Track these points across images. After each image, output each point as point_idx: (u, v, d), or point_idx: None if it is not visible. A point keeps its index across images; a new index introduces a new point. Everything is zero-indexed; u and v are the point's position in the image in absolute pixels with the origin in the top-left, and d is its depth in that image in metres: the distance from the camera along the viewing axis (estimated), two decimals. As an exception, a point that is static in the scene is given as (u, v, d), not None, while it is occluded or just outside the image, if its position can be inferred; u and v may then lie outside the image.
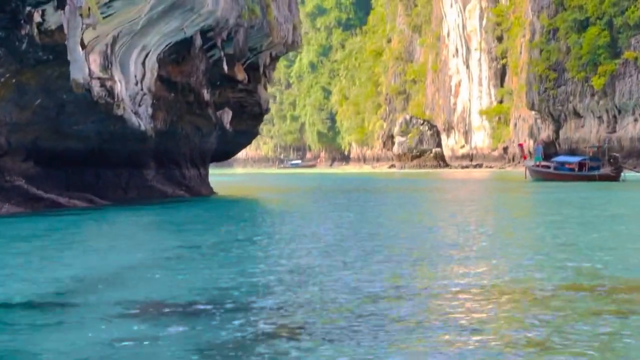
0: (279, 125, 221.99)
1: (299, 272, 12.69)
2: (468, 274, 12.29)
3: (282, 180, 78.52)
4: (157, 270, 13.33)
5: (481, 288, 10.95)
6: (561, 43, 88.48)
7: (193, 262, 14.39)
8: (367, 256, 14.53)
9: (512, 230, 20.38)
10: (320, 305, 9.77)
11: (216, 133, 38.75)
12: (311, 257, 14.54)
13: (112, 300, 10.23)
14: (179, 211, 29.22)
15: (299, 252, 15.27)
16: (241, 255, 15.35)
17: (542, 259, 14.04)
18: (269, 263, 13.94)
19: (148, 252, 15.81)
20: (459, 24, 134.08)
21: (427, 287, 11.15)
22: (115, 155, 33.65)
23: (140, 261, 14.42)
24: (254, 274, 12.62)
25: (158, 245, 17.29)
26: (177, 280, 12.23)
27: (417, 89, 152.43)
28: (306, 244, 16.63)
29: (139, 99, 32.46)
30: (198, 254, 15.64)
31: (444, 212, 27.05)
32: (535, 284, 11.25)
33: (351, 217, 23.80)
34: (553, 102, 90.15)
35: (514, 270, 12.65)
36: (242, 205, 33.52)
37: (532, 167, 67.15)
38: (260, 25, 35.70)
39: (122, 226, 22.34)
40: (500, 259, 14.10)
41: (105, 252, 15.93)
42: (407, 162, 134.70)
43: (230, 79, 38.07)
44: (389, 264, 13.47)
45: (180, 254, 15.56)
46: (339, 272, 12.61)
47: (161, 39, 32.25)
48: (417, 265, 13.56)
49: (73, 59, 26.22)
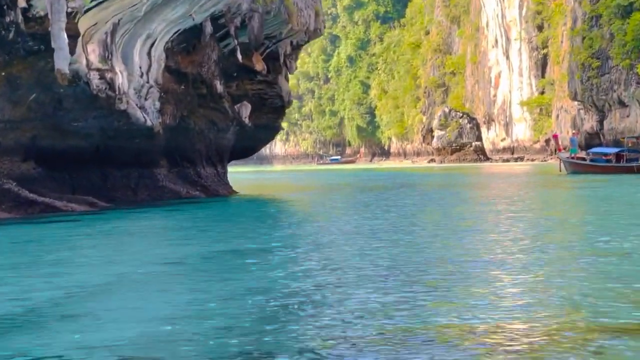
0: (317, 120, 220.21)
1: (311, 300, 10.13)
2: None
3: (317, 177, 75.87)
4: (108, 297, 10.80)
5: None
6: (604, 30, 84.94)
7: (158, 285, 11.84)
8: (392, 280, 11.91)
9: (564, 240, 17.52)
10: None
11: (234, 128, 36.21)
12: (327, 277, 11.97)
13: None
14: (185, 214, 26.69)
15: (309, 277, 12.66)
16: (225, 274, 12.76)
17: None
18: (268, 288, 11.32)
19: (113, 271, 13.26)
20: (498, 14, 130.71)
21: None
22: (122, 153, 31.32)
23: (94, 285, 11.87)
24: (237, 305, 10.06)
25: (134, 259, 14.69)
26: (126, 312, 9.71)
27: (456, 81, 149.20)
28: (317, 262, 13.96)
29: (145, 92, 30.03)
30: (178, 271, 13.10)
31: (478, 217, 24.20)
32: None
33: (381, 223, 20.93)
34: (596, 92, 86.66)
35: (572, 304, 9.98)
36: (260, 207, 30.83)
37: (567, 159, 64.03)
38: (277, 11, 33.07)
39: (109, 234, 19.75)
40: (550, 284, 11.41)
41: (59, 271, 13.42)
42: (446, 156, 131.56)
43: (248, 69, 35.56)
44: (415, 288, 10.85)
45: (152, 272, 12.99)
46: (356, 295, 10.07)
47: (167, 26, 29.78)
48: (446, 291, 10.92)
49: (58, 47, 23.82)
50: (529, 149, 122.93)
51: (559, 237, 16.48)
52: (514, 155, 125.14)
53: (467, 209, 25.62)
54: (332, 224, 20.69)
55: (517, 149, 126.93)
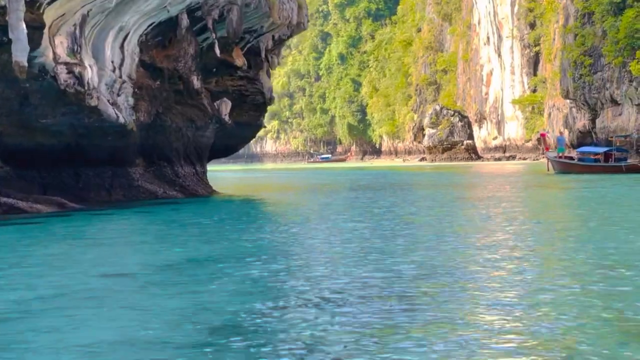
0: (308, 118, 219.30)
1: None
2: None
3: (305, 176, 74.46)
4: (26, 320, 9.47)
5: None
6: (597, 27, 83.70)
7: (92, 303, 10.50)
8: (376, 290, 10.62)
9: (560, 248, 16.25)
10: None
11: (213, 126, 34.78)
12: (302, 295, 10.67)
13: None
14: (156, 216, 25.29)
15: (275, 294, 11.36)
16: (177, 288, 11.43)
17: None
18: (221, 307, 10.04)
19: (46, 286, 11.91)
20: (490, 11, 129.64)
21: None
22: (95, 152, 29.94)
23: (16, 301, 10.53)
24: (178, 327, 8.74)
25: (78, 271, 13.31)
26: (39, 338, 8.39)
27: (448, 79, 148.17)
28: (287, 275, 12.67)
29: (118, 87, 28.66)
30: (124, 285, 11.78)
31: (461, 221, 22.93)
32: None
33: (361, 227, 19.55)
34: (589, 90, 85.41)
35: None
36: (237, 209, 29.36)
37: (554, 158, 62.88)
38: (257, 3, 31.67)
39: (64, 239, 18.30)
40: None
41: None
42: (437, 154, 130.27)
43: (228, 64, 34.17)
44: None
45: (92, 287, 11.65)
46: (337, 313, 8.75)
47: (141, 18, 28.42)
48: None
49: (16, 38, 22.44)
50: (521, 147, 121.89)
51: (544, 249, 15.21)
52: (505, 154, 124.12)
53: (451, 212, 24.29)
54: (309, 229, 19.38)
55: (509, 147, 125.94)
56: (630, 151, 64.67)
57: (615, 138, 63.82)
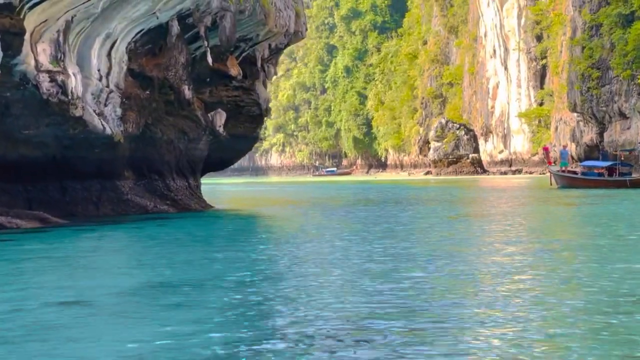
0: (314, 131, 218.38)
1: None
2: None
3: (308, 190, 73.20)
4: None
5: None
6: (605, 39, 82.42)
7: (31, 337, 9.21)
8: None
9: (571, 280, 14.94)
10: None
11: (206, 138, 33.48)
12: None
13: None
14: (140, 232, 23.97)
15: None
16: (137, 320, 10.16)
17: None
18: (182, 345, 8.77)
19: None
20: (497, 24, 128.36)
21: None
22: (82, 164, 28.72)
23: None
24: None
25: (27, 297, 12.05)
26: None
27: (454, 92, 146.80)
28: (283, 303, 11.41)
29: (105, 97, 27.42)
30: (78, 314, 10.50)
31: (459, 241, 21.67)
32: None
33: (354, 248, 18.17)
34: (596, 103, 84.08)
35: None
36: (227, 225, 27.91)
37: (557, 172, 61.62)
38: (252, 10, 30.39)
39: (29, 258, 16.96)
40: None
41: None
42: (443, 168, 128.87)
43: (222, 74, 32.90)
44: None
45: (35, 318, 10.38)
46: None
47: (129, 25, 27.18)
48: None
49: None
50: (527, 161, 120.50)
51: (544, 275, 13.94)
52: (511, 168, 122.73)
53: (450, 230, 22.95)
54: (299, 249, 18.03)
55: (515, 161, 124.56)
56: (635, 165, 63.47)
57: (620, 152, 62.45)
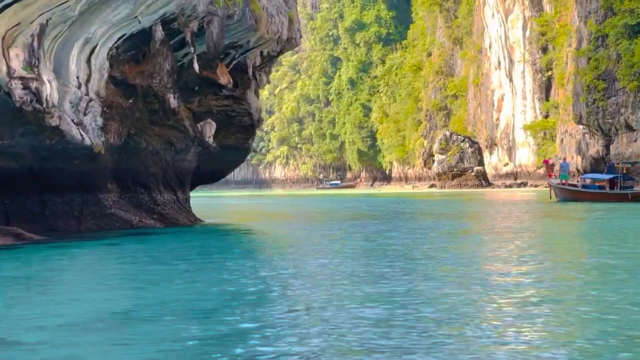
0: (318, 144, 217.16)
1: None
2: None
3: (309, 203, 71.63)
4: None
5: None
6: (611, 50, 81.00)
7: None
8: None
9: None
10: None
11: (195, 149, 31.98)
12: None
13: None
14: (119, 248, 22.50)
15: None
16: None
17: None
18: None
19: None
20: (501, 35, 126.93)
21: None
22: (62, 177, 27.29)
23: None
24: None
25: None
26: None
27: (459, 104, 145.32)
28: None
29: (84, 105, 25.99)
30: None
31: (455, 260, 20.21)
32: None
33: (344, 269, 16.72)
34: (602, 115, 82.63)
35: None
36: (213, 242, 26.32)
37: (557, 185, 60.32)
38: (241, 15, 28.95)
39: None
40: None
41: None
42: (447, 181, 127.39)
43: (212, 82, 31.46)
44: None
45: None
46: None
47: (110, 30, 25.76)
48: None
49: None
50: (533, 174, 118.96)
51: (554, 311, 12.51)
52: (517, 181, 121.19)
53: (446, 250, 21.43)
54: (285, 271, 16.47)
55: (520, 174, 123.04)
56: (637, 179, 62.09)
57: (622, 165, 61.00)
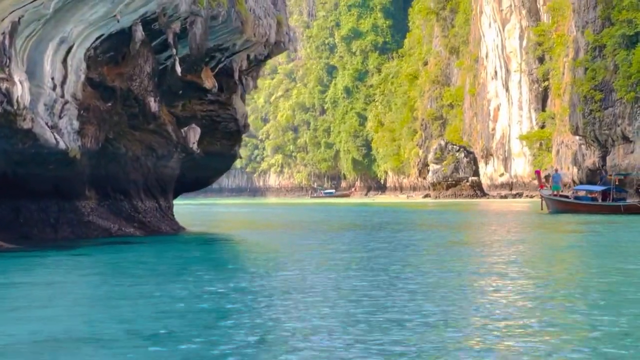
0: (312, 152, 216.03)
1: None
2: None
3: (302, 212, 70.51)
4: None
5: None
6: (608, 61, 79.92)
7: None
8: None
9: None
10: None
11: (178, 155, 30.83)
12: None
13: None
14: (89, 258, 21.37)
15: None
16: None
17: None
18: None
19: None
20: (498, 45, 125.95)
21: None
22: (36, 183, 26.13)
23: None
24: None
25: None
26: None
27: (454, 113, 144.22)
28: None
29: (59, 108, 24.84)
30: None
31: (439, 276, 19.11)
32: None
33: (339, 284, 15.65)
34: (599, 126, 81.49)
35: None
36: (195, 252, 25.16)
37: (549, 196, 59.26)
38: (226, 17, 27.83)
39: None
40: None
41: None
42: (442, 191, 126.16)
43: (196, 86, 30.34)
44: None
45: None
46: None
47: (87, 29, 24.62)
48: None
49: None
50: (528, 185, 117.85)
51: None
52: (512, 192, 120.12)
53: (428, 263, 20.28)
54: (265, 287, 15.33)
55: (516, 184, 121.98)
56: (630, 191, 61.07)
57: (614, 176, 59.93)
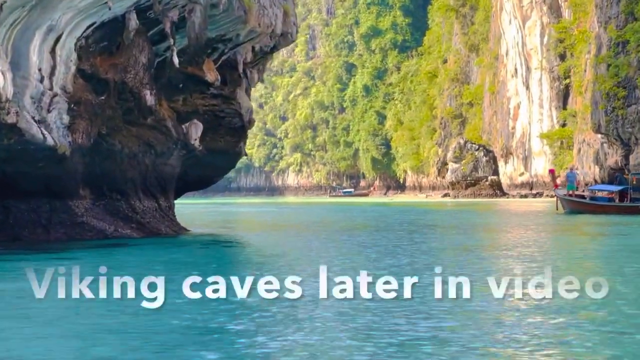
0: (331, 151, 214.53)
1: None
2: None
3: (318, 211, 68.83)
4: None
5: None
6: (631, 57, 78.14)
7: None
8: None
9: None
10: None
11: (178, 152, 29.24)
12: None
13: None
14: (73, 263, 19.80)
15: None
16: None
17: None
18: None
19: None
20: (519, 42, 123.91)
21: None
22: (26, 181, 24.65)
23: None
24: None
25: None
26: None
27: (474, 112, 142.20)
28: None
29: (47, 101, 23.29)
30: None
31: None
32: None
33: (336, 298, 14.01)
34: (622, 124, 79.72)
35: None
36: (192, 257, 23.56)
37: (564, 196, 57.42)
38: (227, 5, 26.25)
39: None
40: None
41: None
42: (461, 190, 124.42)
43: (198, 80, 28.76)
44: None
45: None
46: None
47: (77, 17, 23.07)
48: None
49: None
50: (549, 184, 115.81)
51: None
52: (532, 191, 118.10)
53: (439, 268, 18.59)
54: (263, 301, 13.65)
55: (536, 184, 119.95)
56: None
57: (632, 176, 58.02)
